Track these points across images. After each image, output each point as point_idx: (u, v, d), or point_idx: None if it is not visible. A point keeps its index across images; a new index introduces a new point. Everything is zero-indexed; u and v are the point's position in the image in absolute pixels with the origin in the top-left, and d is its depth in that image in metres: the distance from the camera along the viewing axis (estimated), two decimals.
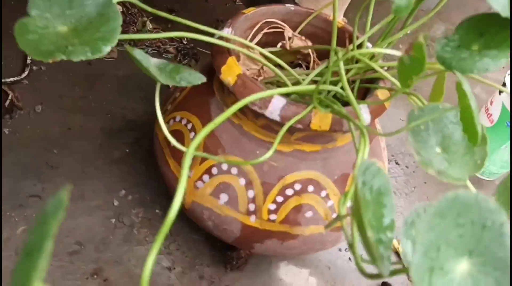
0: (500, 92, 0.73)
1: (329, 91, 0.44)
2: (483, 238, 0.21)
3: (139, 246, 0.49)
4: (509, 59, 0.37)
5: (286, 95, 0.45)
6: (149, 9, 0.39)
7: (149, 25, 0.80)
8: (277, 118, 0.38)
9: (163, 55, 0.77)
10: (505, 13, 0.31)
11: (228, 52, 0.41)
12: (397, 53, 0.32)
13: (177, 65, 0.37)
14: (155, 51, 0.77)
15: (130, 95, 0.67)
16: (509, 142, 0.71)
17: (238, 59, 0.46)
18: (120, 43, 0.77)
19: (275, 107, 0.38)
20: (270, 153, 0.35)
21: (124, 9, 0.81)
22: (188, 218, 0.46)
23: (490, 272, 0.21)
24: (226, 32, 0.44)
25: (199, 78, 0.35)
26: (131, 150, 0.59)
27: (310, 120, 0.38)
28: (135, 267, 0.47)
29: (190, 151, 0.30)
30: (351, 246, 0.27)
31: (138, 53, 0.36)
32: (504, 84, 0.71)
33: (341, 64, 0.39)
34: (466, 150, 0.34)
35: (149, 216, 0.52)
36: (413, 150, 0.32)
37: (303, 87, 0.36)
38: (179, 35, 0.40)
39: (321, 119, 0.38)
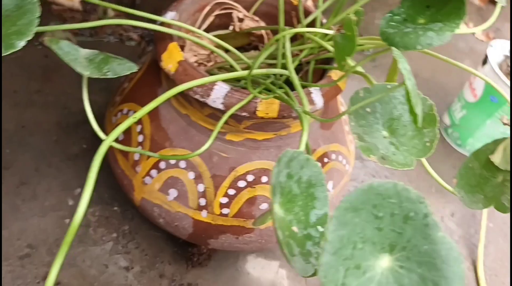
0: (483, 64, 0.69)
1: (281, 75, 0.42)
2: (406, 231, 0.19)
3: (94, 247, 0.47)
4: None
5: (235, 81, 0.42)
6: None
7: (111, 13, 0.77)
8: (221, 107, 0.36)
9: (126, 43, 0.74)
10: None
11: (170, 38, 0.39)
12: (331, 32, 0.29)
13: (107, 56, 0.34)
14: (117, 40, 0.74)
15: (89, 87, 0.64)
16: (494, 117, 0.68)
17: (184, 45, 0.43)
18: (80, 33, 0.74)
19: (218, 95, 0.35)
20: (209, 143, 0.33)
21: None
22: None
23: (414, 268, 0.19)
24: (170, 16, 0.41)
25: (128, 68, 0.33)
26: (89, 145, 0.56)
27: (255, 107, 0.36)
28: (90, 268, 0.45)
29: (107, 141, 0.28)
30: (280, 244, 0.25)
31: (65, 45, 0.33)
32: (486, 56, 0.68)
33: (287, 44, 0.37)
34: (415, 132, 0.32)
35: (107, 214, 0.50)
36: (354, 135, 0.29)
37: (238, 73, 0.33)
38: (114, 22, 0.38)
39: (267, 106, 0.36)
